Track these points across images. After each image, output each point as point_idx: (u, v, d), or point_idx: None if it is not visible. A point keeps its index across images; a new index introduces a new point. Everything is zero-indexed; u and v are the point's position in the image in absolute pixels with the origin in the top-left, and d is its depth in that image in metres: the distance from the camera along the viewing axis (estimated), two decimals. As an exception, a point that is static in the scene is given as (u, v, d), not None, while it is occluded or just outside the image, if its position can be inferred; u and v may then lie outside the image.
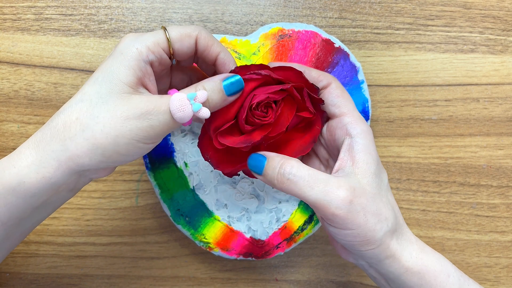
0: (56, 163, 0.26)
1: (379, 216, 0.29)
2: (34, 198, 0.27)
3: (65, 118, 0.27)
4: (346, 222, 0.28)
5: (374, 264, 0.31)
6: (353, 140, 0.30)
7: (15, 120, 0.42)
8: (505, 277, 0.45)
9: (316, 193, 0.28)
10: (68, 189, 0.29)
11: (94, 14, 0.42)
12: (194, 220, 0.41)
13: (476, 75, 0.44)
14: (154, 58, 0.29)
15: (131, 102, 0.27)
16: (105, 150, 0.26)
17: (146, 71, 0.29)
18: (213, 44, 0.31)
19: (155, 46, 0.29)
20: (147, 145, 0.28)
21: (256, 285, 0.45)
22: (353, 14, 0.43)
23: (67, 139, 0.26)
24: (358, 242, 0.29)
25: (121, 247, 0.44)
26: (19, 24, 0.42)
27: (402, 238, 0.30)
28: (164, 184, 0.40)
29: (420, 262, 0.30)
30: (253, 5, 0.43)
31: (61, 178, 0.27)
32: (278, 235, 0.41)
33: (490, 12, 0.44)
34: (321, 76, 0.33)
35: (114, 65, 0.28)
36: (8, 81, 0.42)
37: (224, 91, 0.29)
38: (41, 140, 0.27)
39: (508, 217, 0.45)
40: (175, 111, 0.27)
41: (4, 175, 0.26)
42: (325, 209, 0.28)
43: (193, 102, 0.28)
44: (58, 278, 0.43)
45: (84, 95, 0.27)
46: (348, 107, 0.32)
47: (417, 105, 0.44)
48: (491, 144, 0.44)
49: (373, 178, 0.30)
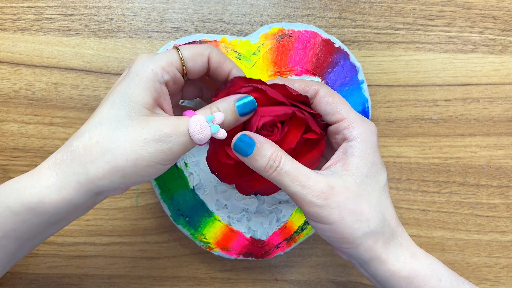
0: (77, 185, 0.27)
1: (359, 216, 0.29)
2: (52, 217, 0.28)
3: (85, 142, 0.27)
4: (320, 216, 0.29)
5: (362, 265, 0.31)
6: (349, 144, 0.30)
7: (15, 120, 0.42)
8: (505, 277, 0.45)
9: (295, 186, 0.29)
10: (85, 207, 0.30)
11: (94, 14, 0.42)
12: (194, 220, 0.41)
13: (476, 75, 0.44)
14: (169, 78, 0.29)
15: (150, 125, 0.28)
16: (125, 173, 0.27)
17: (162, 91, 0.29)
18: (225, 62, 0.32)
19: (169, 66, 0.29)
20: (165, 166, 0.29)
21: (256, 285, 0.45)
22: (353, 14, 0.43)
23: (88, 162, 0.27)
24: (336, 239, 0.29)
25: (121, 247, 0.44)
26: (19, 24, 0.42)
27: (391, 241, 0.30)
28: (164, 184, 0.40)
29: (409, 267, 0.29)
30: (253, 5, 0.43)
31: (81, 199, 0.28)
32: (278, 235, 0.41)
33: (490, 12, 0.44)
34: (306, 87, 0.32)
35: (131, 88, 0.28)
36: (8, 81, 0.42)
37: (238, 111, 0.30)
38: (61, 162, 0.27)
39: (508, 217, 0.45)
40: (195, 133, 0.28)
41: (25, 194, 0.27)
42: (302, 202, 0.29)
43: (211, 124, 0.29)
44: (58, 278, 0.43)
45: (103, 118, 0.28)
46: (342, 112, 0.31)
47: (417, 105, 0.44)
48: (491, 144, 0.44)
49: (362, 180, 0.30)
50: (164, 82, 0.29)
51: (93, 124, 0.28)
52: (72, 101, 0.42)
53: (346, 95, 0.40)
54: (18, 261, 0.32)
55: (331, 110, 0.31)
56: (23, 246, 0.30)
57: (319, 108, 0.32)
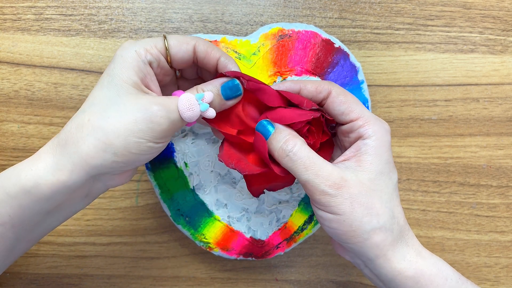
0: (71, 166, 0.27)
1: (369, 209, 0.29)
2: (48, 201, 0.28)
3: (78, 121, 0.28)
4: (330, 205, 0.29)
5: (367, 263, 0.31)
6: (363, 142, 0.31)
7: (15, 120, 0.42)
8: (505, 277, 0.45)
9: (308, 175, 0.29)
10: (82, 195, 0.30)
11: (94, 14, 0.42)
12: (194, 220, 0.41)
13: (476, 75, 0.44)
14: (152, 59, 0.30)
15: (140, 102, 0.28)
16: (117, 150, 0.27)
17: (147, 71, 0.30)
18: (212, 50, 0.32)
19: (152, 48, 0.30)
20: (157, 144, 0.29)
21: (256, 285, 0.45)
22: (353, 14, 0.43)
23: (79, 140, 0.27)
24: (342, 232, 0.29)
25: (121, 247, 0.44)
26: (19, 24, 0.42)
27: (399, 240, 0.30)
28: (164, 184, 0.40)
29: (415, 266, 0.29)
30: (253, 5, 0.43)
31: (76, 182, 0.28)
32: (278, 235, 0.41)
33: (490, 12, 0.44)
34: (318, 87, 0.32)
35: (116, 68, 0.29)
36: (8, 81, 0.42)
37: (222, 95, 0.30)
38: (58, 144, 0.28)
39: (508, 217, 0.45)
40: (184, 110, 0.29)
41: (20, 177, 0.27)
42: (314, 190, 0.29)
43: (201, 102, 0.29)
44: (58, 278, 0.43)
45: (95, 99, 0.29)
46: (356, 111, 0.31)
47: (417, 105, 0.44)
48: (491, 144, 0.44)
49: (376, 175, 0.30)
50: (148, 62, 0.29)
51: (85, 106, 0.29)
52: (72, 101, 0.42)
53: (346, 95, 0.40)
54: (18, 257, 0.32)
55: (345, 109, 0.31)
56: (21, 238, 0.29)
57: (332, 107, 0.32)
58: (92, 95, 0.29)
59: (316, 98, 0.32)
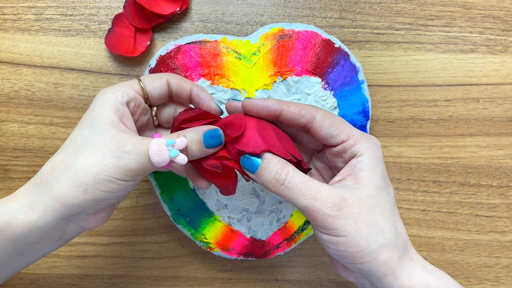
0: (43, 205, 0.28)
1: (373, 227, 0.28)
2: (19, 242, 0.28)
3: (54, 162, 0.29)
4: (334, 227, 0.28)
5: (375, 283, 0.30)
6: (357, 160, 0.30)
7: (16, 120, 0.42)
8: (505, 277, 0.45)
9: (307, 200, 0.28)
10: (55, 238, 0.30)
11: (94, 15, 0.42)
12: (195, 220, 0.41)
13: (476, 75, 0.44)
14: (129, 99, 0.31)
15: (113, 140, 0.28)
16: (86, 188, 0.28)
17: (124, 111, 0.31)
18: (184, 82, 0.34)
19: (129, 89, 0.31)
20: (127, 183, 0.29)
21: (256, 285, 0.45)
22: (353, 14, 0.43)
23: (52, 180, 0.28)
24: (350, 254, 0.29)
25: (121, 247, 0.44)
26: (19, 24, 0.42)
27: (405, 256, 0.30)
28: (164, 184, 0.40)
29: (422, 281, 0.29)
30: (253, 5, 0.43)
31: (48, 222, 0.28)
32: (278, 235, 0.41)
33: (490, 12, 0.44)
34: (302, 111, 0.31)
35: (95, 110, 0.30)
36: (8, 81, 0.42)
37: (203, 143, 0.30)
38: (34, 184, 0.29)
39: (508, 217, 0.45)
40: (153, 155, 0.28)
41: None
42: (315, 215, 0.28)
43: (170, 149, 0.29)
44: (58, 278, 0.43)
45: (70, 140, 0.30)
46: (345, 131, 0.31)
47: (417, 105, 0.44)
48: (491, 144, 0.44)
49: (375, 191, 0.29)
50: (125, 103, 0.31)
51: (63, 147, 0.29)
52: (72, 101, 0.42)
53: (346, 95, 0.40)
54: None
55: (334, 131, 0.31)
56: None
57: (321, 131, 0.31)
58: (70, 136, 0.30)
59: (299, 122, 0.31)
